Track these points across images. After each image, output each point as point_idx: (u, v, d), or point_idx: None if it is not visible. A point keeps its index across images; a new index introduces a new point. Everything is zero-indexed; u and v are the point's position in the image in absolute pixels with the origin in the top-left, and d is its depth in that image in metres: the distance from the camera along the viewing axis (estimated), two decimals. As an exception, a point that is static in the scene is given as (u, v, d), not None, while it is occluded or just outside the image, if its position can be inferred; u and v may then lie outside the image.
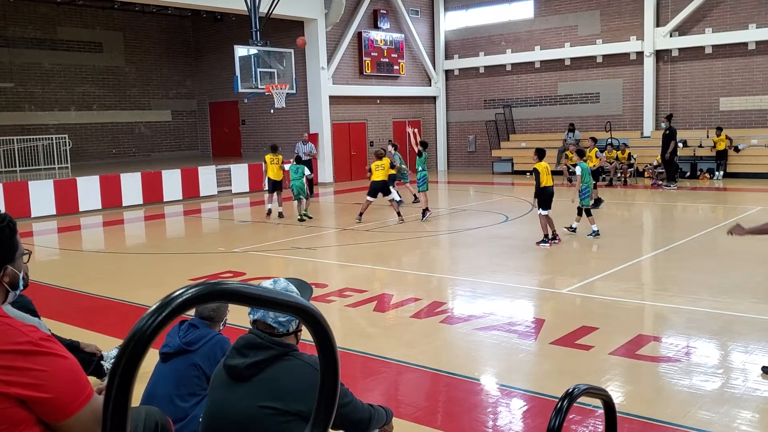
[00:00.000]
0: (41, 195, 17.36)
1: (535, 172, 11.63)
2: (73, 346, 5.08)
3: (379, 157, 14.84)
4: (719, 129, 21.18)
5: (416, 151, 15.00)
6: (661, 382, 5.51)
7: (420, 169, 14.85)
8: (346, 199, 19.52)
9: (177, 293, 1.10)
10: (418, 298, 8.33)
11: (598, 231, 11.93)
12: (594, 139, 17.13)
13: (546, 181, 11.64)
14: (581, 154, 13.06)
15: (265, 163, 15.95)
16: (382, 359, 6.16)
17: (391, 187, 15.15)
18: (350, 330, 7.16)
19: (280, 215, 15.60)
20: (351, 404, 2.92)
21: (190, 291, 1.10)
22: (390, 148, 18.23)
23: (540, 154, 11.82)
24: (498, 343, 6.60)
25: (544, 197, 11.59)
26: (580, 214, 12.32)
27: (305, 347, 2.89)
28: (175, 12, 25.96)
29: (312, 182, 20.32)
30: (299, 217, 14.99)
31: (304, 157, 20.06)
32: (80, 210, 17.90)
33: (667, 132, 20.27)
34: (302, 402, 2.59)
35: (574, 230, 12.34)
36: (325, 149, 23.87)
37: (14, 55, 23.20)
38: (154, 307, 1.09)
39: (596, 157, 16.20)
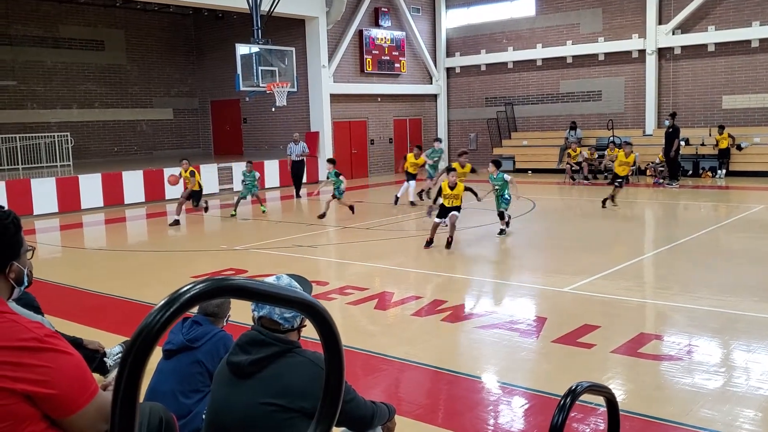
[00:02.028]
0: (44, 193, 17.39)
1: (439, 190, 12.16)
2: (76, 343, 5.09)
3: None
4: (721, 127, 21.15)
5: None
6: (663, 381, 5.51)
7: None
8: (348, 198, 19.50)
9: (184, 289, 1.11)
10: (419, 296, 8.33)
11: (504, 231, 12.42)
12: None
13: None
14: (498, 164, 13.02)
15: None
16: (383, 357, 6.17)
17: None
18: (351, 328, 7.17)
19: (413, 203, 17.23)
20: (354, 401, 2.93)
21: (197, 287, 1.11)
22: (436, 143, 18.52)
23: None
24: (499, 341, 6.61)
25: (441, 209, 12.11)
26: (503, 217, 12.55)
27: (307, 344, 2.90)
28: (177, 10, 25.96)
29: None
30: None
31: (296, 158, 20.03)
32: (82, 208, 17.93)
33: (671, 130, 20.27)
34: (305, 399, 2.60)
35: (504, 232, 12.47)
36: (326, 147, 23.87)
37: (17, 53, 23.21)
38: (162, 303, 1.10)
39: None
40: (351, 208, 15.41)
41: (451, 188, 11.56)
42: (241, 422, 2.65)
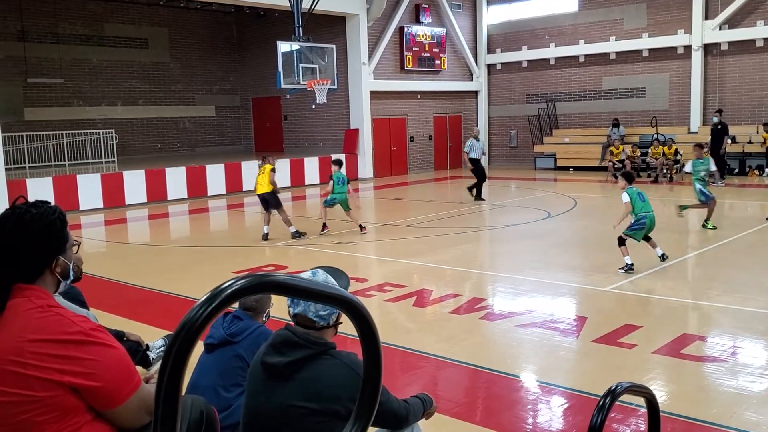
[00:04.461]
0: (89, 188, 17.77)
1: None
2: (118, 336, 5.19)
3: None
4: (769, 124, 20.67)
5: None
6: (706, 382, 5.41)
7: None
8: (387, 195, 19.56)
9: (226, 285, 1.13)
10: (458, 294, 8.31)
11: (632, 265, 9.01)
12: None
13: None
14: (629, 178, 9.49)
15: None
16: (421, 354, 6.17)
17: None
18: (389, 325, 7.18)
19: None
20: (388, 402, 2.92)
21: (238, 282, 1.13)
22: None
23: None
24: (539, 340, 6.56)
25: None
26: (622, 244, 9.20)
27: (344, 340, 2.91)
28: (219, 8, 26.25)
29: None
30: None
31: (478, 157, 17.36)
32: (126, 203, 18.27)
33: (719, 127, 19.85)
34: (339, 402, 2.58)
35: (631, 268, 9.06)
36: (366, 145, 23.93)
37: (63, 51, 23.72)
38: (204, 298, 1.12)
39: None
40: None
41: None
42: (275, 423, 2.65)
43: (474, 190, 17.17)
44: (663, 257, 9.40)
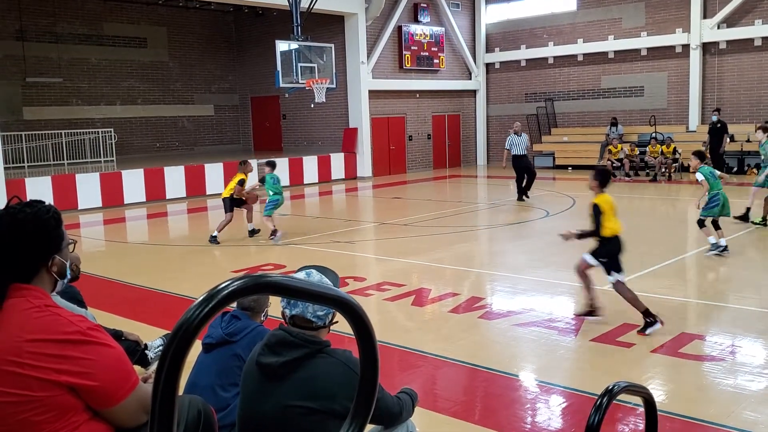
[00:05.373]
0: (88, 187, 17.76)
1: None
2: (116, 335, 5.19)
3: None
4: (768, 123, 20.69)
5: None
6: (705, 381, 5.42)
7: (271, 193, 12.32)
8: (385, 194, 19.56)
9: (223, 285, 1.13)
10: (457, 293, 8.31)
11: (725, 246, 9.60)
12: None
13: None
14: (701, 157, 10.02)
15: None
16: (419, 353, 6.18)
17: None
18: (388, 324, 7.18)
19: None
20: (383, 399, 2.92)
21: (235, 283, 1.13)
22: None
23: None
24: (537, 339, 6.56)
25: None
26: (703, 226, 9.85)
27: (341, 338, 2.91)
28: (218, 7, 26.21)
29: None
30: None
31: (521, 153, 17.04)
32: (125, 202, 18.25)
33: (719, 125, 19.86)
34: (335, 401, 2.58)
35: (725, 249, 9.68)
36: (364, 144, 23.92)
37: (62, 50, 23.71)
38: (201, 298, 1.12)
39: None
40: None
41: None
42: (271, 423, 2.65)
43: (524, 191, 16.58)
44: (721, 249, 9.52)
